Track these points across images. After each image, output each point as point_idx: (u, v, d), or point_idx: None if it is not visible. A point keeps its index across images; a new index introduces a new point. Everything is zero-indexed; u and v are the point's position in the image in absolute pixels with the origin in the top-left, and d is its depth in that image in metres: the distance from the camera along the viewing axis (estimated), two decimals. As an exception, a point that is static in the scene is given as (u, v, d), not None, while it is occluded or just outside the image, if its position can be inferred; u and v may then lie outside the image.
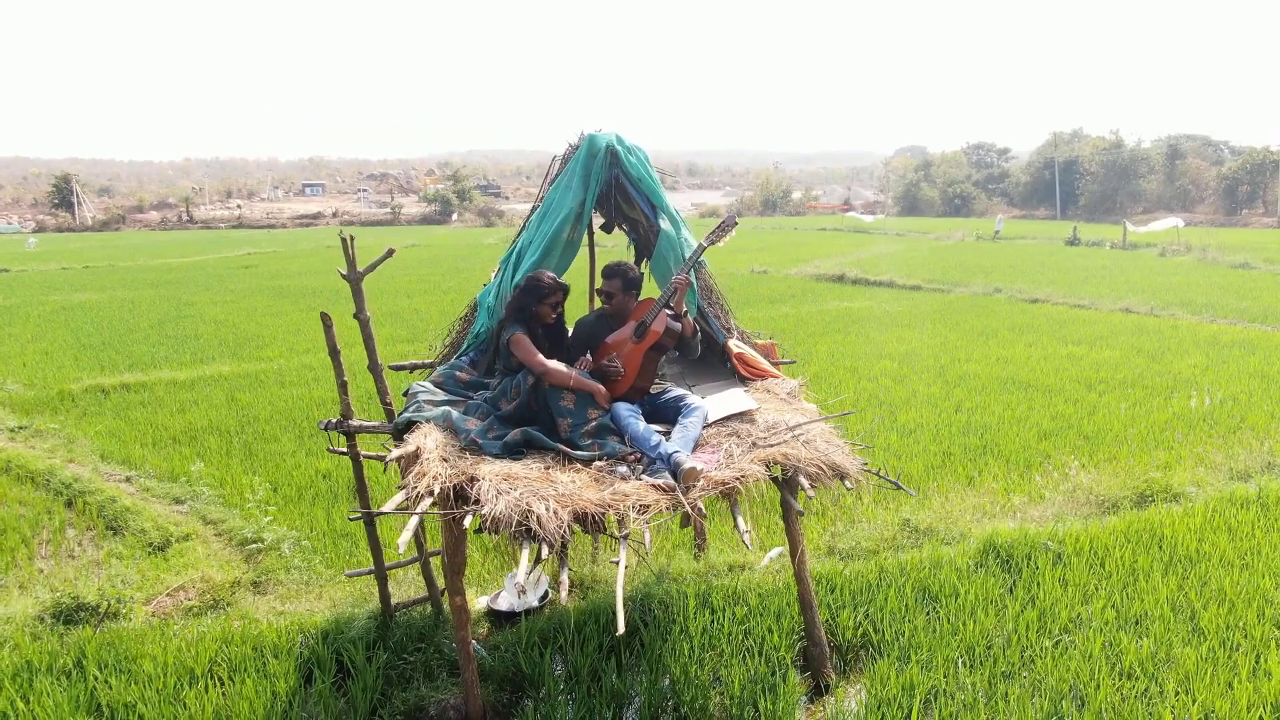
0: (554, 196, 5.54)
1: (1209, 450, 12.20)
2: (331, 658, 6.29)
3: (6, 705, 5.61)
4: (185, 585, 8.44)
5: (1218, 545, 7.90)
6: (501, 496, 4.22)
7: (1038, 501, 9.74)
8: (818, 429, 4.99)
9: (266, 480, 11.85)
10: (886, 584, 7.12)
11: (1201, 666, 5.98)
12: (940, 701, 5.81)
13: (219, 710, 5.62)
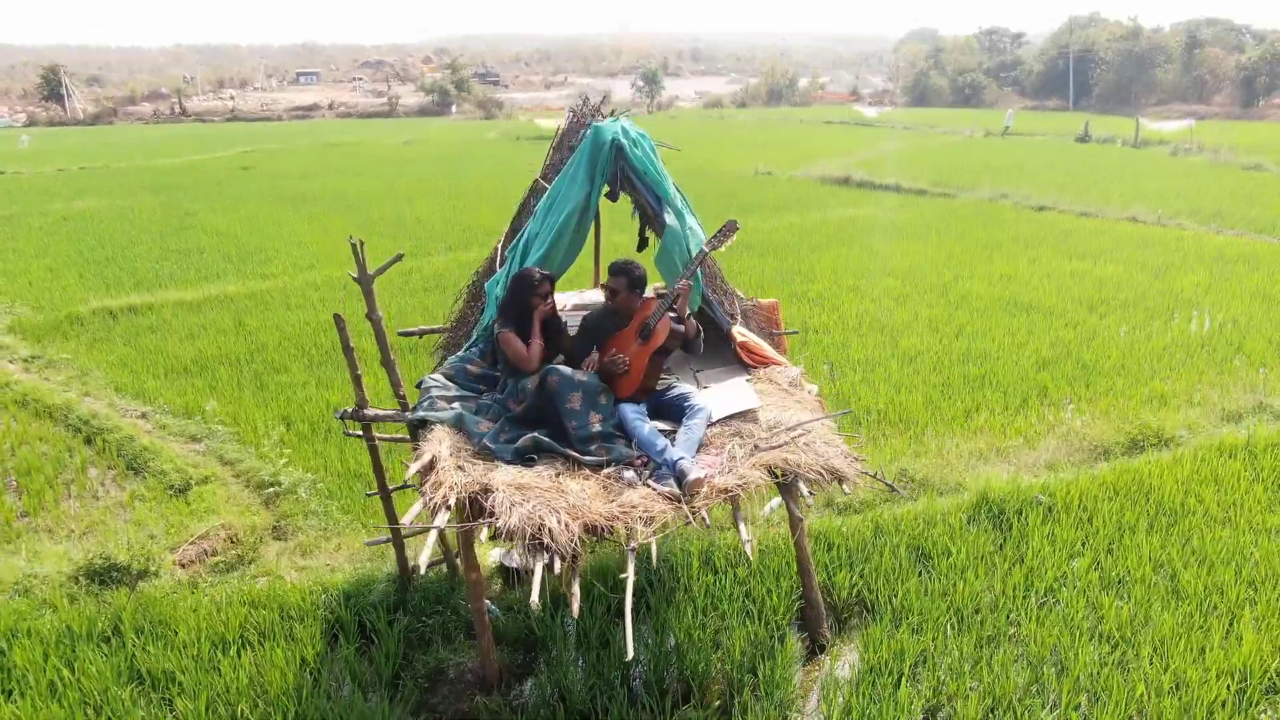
0: (560, 187, 5.55)
1: (1204, 382, 12.39)
2: (354, 621, 6.64)
3: (54, 674, 5.98)
4: (208, 533, 8.77)
5: (1203, 499, 8.17)
6: (515, 508, 4.43)
7: (1032, 445, 9.99)
8: (818, 428, 5.15)
9: (279, 415, 12.11)
10: (881, 543, 7.42)
11: (1177, 631, 6.31)
12: (929, 665, 6.17)
13: (253, 677, 5.99)
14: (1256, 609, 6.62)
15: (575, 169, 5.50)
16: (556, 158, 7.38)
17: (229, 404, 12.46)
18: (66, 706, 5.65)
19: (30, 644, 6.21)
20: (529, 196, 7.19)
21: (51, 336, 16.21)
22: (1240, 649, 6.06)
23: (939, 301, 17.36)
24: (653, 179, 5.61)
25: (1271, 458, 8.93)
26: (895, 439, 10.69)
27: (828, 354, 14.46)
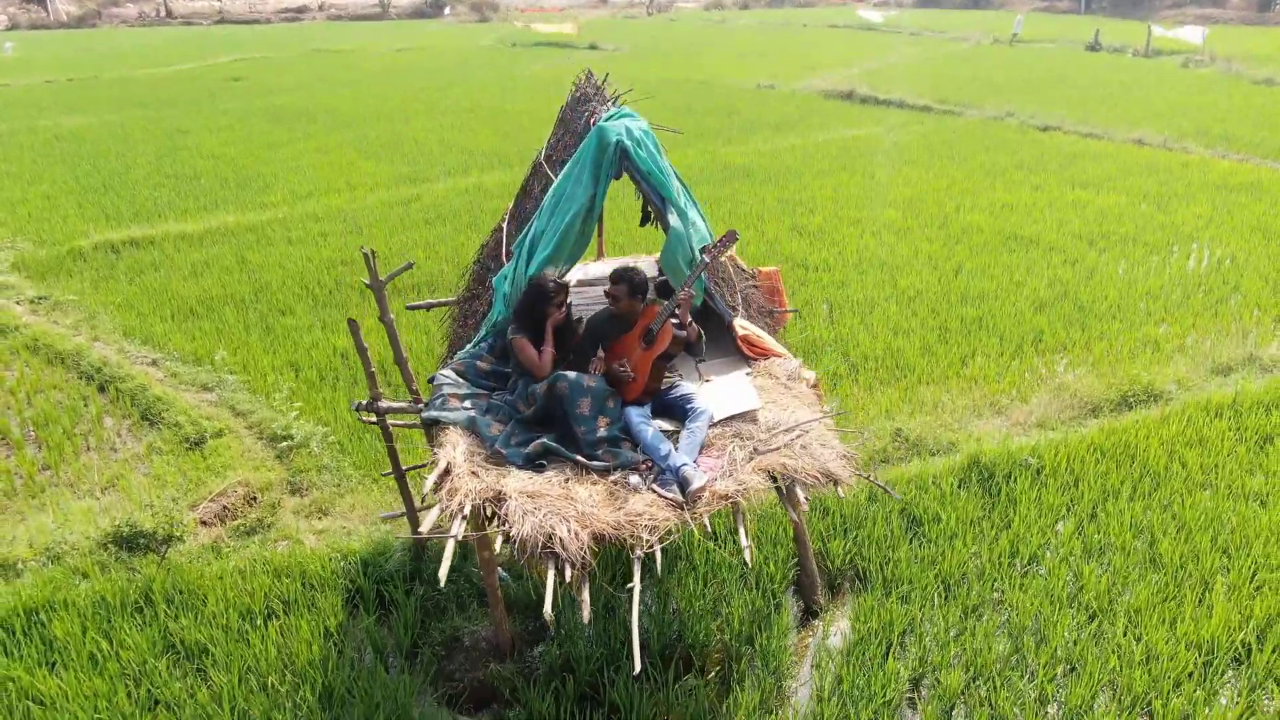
0: (565, 187, 5.61)
1: (1198, 326, 12.57)
2: (373, 590, 7.01)
3: (93, 646, 6.36)
4: (226, 491, 9.10)
5: (1186, 462, 8.46)
6: (527, 517, 4.69)
7: (1024, 399, 10.24)
8: (814, 429, 5.37)
9: (286, 361, 12.33)
10: (874, 510, 7.74)
11: (1152, 602, 6.67)
12: (916, 635, 6.55)
13: (281, 649, 6.37)
14: (1229, 576, 6.98)
15: (580, 170, 5.56)
16: (560, 133, 7.41)
17: (237, 349, 12.65)
18: (108, 679, 6.04)
19: (68, 616, 6.58)
20: (531, 178, 7.24)
21: (55, 274, 16.29)
22: (1210, 620, 6.43)
23: (939, 235, 17.37)
24: (657, 180, 5.68)
25: (1255, 417, 9.19)
26: (891, 389, 10.92)
27: (826, 293, 14.59)
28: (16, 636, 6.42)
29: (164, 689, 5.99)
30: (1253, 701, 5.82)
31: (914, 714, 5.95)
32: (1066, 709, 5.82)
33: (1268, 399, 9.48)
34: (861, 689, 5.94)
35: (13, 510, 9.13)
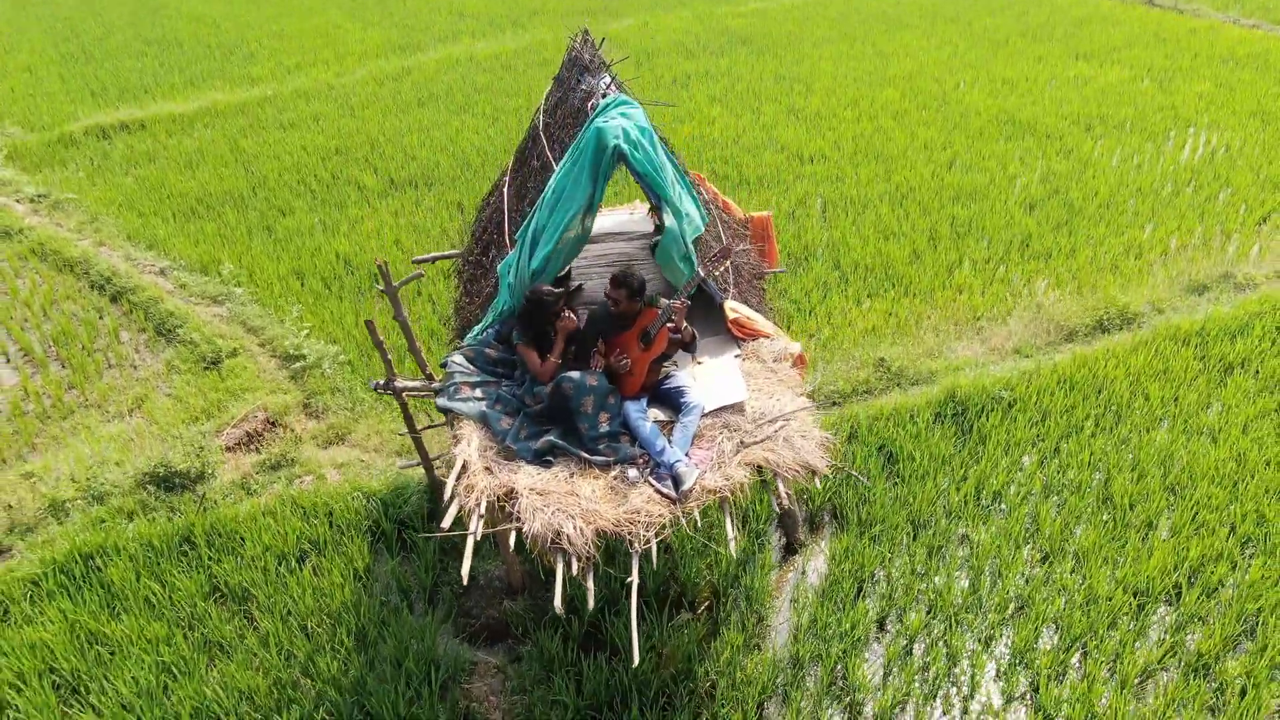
0: (564, 186, 5.79)
1: (1183, 229, 12.82)
2: (394, 532, 7.68)
3: (147, 590, 7.07)
4: (248, 416, 9.66)
5: (1149, 395, 9.00)
6: (537, 514, 5.23)
7: (1004, 319, 10.66)
8: (796, 422, 5.84)
9: (290, 268, 12.62)
10: (854, 449, 8.32)
11: (1099, 543, 7.37)
12: (885, 575, 7.28)
13: (316, 591, 7.09)
14: (1173, 516, 7.67)
15: (579, 170, 5.74)
16: (556, 96, 7.49)
17: (241, 256, 12.90)
18: (165, 623, 6.78)
19: (121, 561, 7.26)
20: (529, 145, 7.37)
21: (50, 164, 16.28)
22: (1149, 562, 7.15)
23: (936, 119, 17.23)
24: (653, 180, 5.86)
25: (1221, 345, 9.66)
26: (879, 301, 11.29)
27: (821, 188, 14.71)
28: (77, 581, 7.13)
29: (216, 631, 6.74)
30: (1178, 640, 6.61)
31: (880, 649, 6.74)
32: (1012, 648, 6.61)
33: (1234, 325, 9.93)
34: (834, 628, 6.72)
35: (47, 435, 9.71)
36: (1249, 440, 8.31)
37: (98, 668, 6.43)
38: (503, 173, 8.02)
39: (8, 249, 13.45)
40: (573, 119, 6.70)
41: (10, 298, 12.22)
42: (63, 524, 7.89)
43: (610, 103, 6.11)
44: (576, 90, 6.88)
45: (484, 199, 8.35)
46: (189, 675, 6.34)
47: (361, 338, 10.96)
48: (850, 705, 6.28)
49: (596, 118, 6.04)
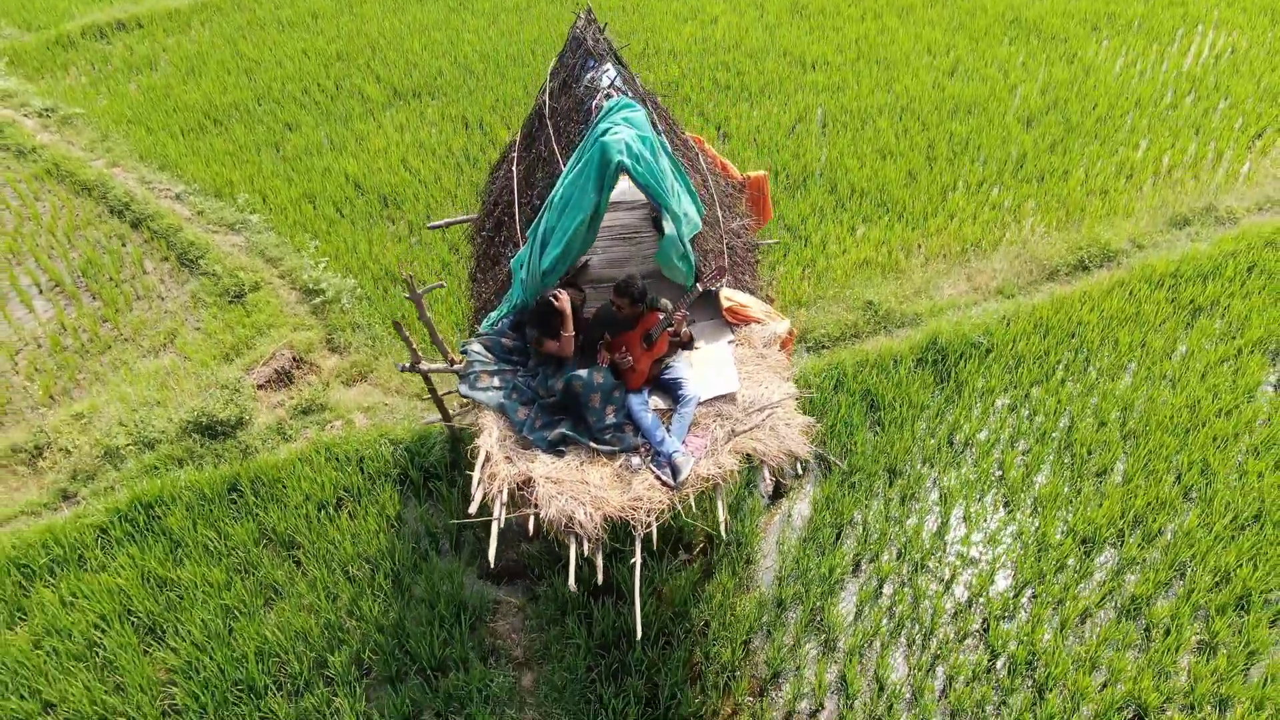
0: (571, 193, 6.18)
1: (1176, 147, 13.04)
2: (420, 479, 8.47)
3: (204, 538, 7.93)
4: (275, 355, 10.31)
5: (1119, 341, 9.57)
6: (552, 501, 5.95)
7: (989, 254, 11.11)
8: (782, 410, 6.47)
9: (302, 191, 12.97)
10: (839, 400, 8.99)
11: (1056, 489, 8.14)
12: (863, 517, 8.12)
13: (354, 536, 7.95)
14: (1126, 464, 8.43)
15: (585, 180, 6.12)
16: (560, 77, 7.76)
17: (252, 176, 13.20)
18: (224, 569, 7.68)
19: (178, 509, 8.09)
20: (536, 128, 7.67)
21: (50, 69, 16.27)
22: (1099, 510, 7.96)
23: (942, 17, 17.02)
24: (654, 191, 6.25)
25: (1192, 288, 10.16)
26: (873, 229, 11.69)
27: (821, 98, 14.79)
28: (141, 529, 7.98)
29: (270, 575, 7.64)
30: (1116, 584, 7.49)
31: (854, 589, 7.65)
32: (970, 589, 7.51)
33: (1208, 266, 10.40)
34: (814, 571, 7.60)
35: (89, 371, 10.41)
36: (1205, 388, 8.97)
37: (170, 611, 7.36)
38: (511, 145, 8.35)
39: (24, 170, 13.75)
40: (576, 111, 7.02)
41: (35, 224, 12.65)
42: (119, 470, 8.69)
43: (614, 106, 6.44)
44: (580, 80, 7.17)
45: (493, 169, 8.69)
46: (249, 618, 7.27)
47: (376, 269, 11.47)
48: (826, 641, 7.23)
49: (601, 122, 6.40)
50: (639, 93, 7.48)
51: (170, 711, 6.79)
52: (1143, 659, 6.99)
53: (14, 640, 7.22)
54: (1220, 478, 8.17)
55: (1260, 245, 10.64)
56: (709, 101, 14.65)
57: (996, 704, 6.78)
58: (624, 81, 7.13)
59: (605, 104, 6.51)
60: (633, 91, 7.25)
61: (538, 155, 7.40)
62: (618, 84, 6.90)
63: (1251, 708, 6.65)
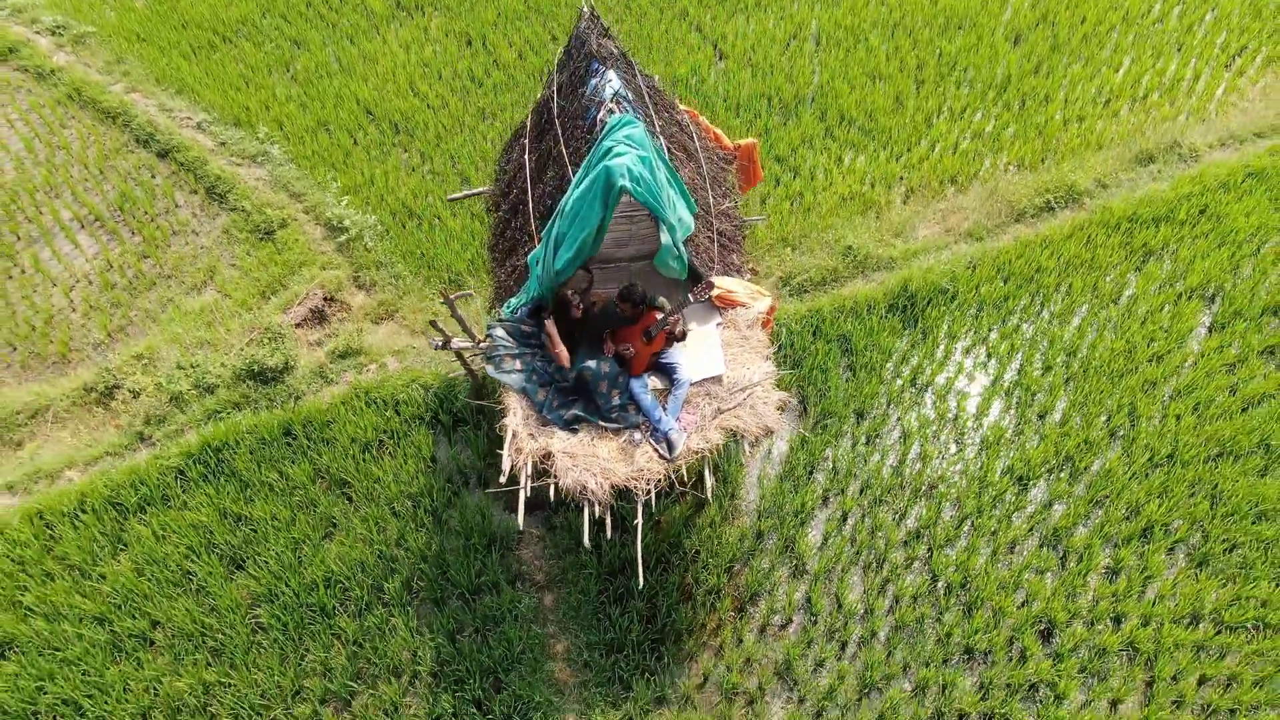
0: (580, 206, 6.99)
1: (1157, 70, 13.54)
2: (450, 422, 9.69)
3: (269, 477, 9.22)
4: (308, 295, 11.32)
5: (1072, 287, 10.57)
6: (568, 472, 7.14)
7: (964, 189, 11.89)
8: (760, 389, 7.55)
9: (316, 119, 13.57)
10: (817, 347, 10.06)
11: (999, 432, 9.39)
12: (833, 455, 9.40)
13: (396, 472, 9.25)
14: (1065, 405, 9.62)
15: (592, 197, 6.93)
16: (566, 74, 8.44)
17: (267, 101, 13.73)
18: (288, 506, 9.02)
19: (243, 453, 9.35)
20: (544, 120, 8.39)
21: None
22: (1035, 450, 9.23)
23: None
24: (653, 207, 7.06)
25: (1146, 231, 11.03)
26: (859, 159, 12.45)
27: (816, 12, 15.08)
28: (213, 471, 9.28)
29: (329, 510, 9.00)
30: (1044, 516, 8.86)
31: (821, 520, 9.03)
32: (920, 521, 8.89)
33: (1164, 209, 11.24)
34: (788, 505, 8.96)
35: (139, 309, 11.45)
36: (1143, 333, 10.07)
37: (247, 544, 8.76)
38: (522, 127, 9.07)
39: (46, 95, 14.25)
40: (582, 118, 7.78)
41: (66, 154, 13.33)
42: (185, 414, 9.90)
43: (615, 124, 7.20)
44: (586, 84, 7.88)
45: (505, 148, 9.41)
46: (314, 549, 8.68)
47: (394, 202, 12.28)
48: (796, 567, 8.66)
49: (605, 139, 7.19)
50: (639, 89, 8.19)
51: (258, 629, 8.29)
52: (1057, 582, 8.44)
53: (119, 568, 8.65)
54: (1144, 420, 9.41)
55: (1215, 187, 11.45)
56: (706, 15, 14.92)
57: (933, 619, 8.28)
58: (625, 84, 7.85)
59: (608, 120, 7.29)
60: (633, 94, 7.98)
61: (548, 152, 8.20)
62: (621, 93, 7.64)
63: (1140, 623, 8.15)
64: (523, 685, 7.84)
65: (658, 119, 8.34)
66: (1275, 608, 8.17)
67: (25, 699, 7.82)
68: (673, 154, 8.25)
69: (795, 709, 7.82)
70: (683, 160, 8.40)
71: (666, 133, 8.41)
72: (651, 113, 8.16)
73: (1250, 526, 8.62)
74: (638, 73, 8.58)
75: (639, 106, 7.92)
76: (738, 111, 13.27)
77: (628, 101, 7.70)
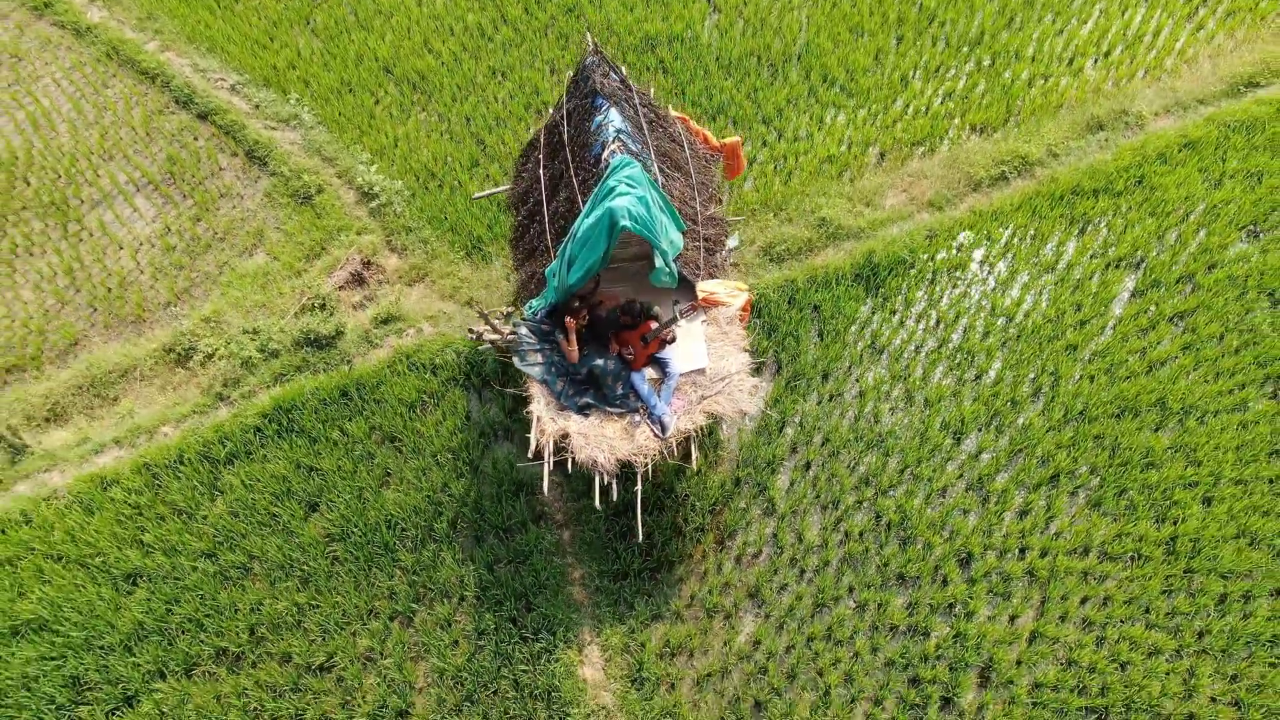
0: (589, 234, 8.33)
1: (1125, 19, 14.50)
2: (480, 384, 11.42)
3: (332, 433, 11.01)
4: (348, 259, 12.82)
5: (1017, 255, 12.03)
6: (582, 449, 8.90)
7: (929, 156, 13.16)
8: (735, 378, 9.18)
9: (339, 79, 14.64)
10: (793, 315, 11.63)
11: (940, 391, 11.12)
12: (801, 411, 11.17)
13: (437, 428, 11.05)
14: (998, 367, 11.30)
15: (599, 231, 8.28)
16: (573, 103, 9.68)
17: (292, 60, 14.76)
18: (351, 459, 10.88)
19: (308, 412, 11.12)
20: (557, 141, 9.67)
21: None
22: (970, 407, 10.99)
23: None
24: (649, 238, 8.44)
25: (1085, 202, 12.38)
26: (836, 126, 13.65)
27: (807, -42, 15.79)
28: (284, 428, 11.07)
29: (386, 462, 10.86)
30: (972, 465, 10.71)
31: (789, 467, 10.89)
32: (869, 470, 10.75)
33: (1104, 179, 12.53)
34: (761, 456, 10.81)
35: (199, 271, 12.98)
36: (1071, 300, 11.64)
37: (320, 492, 10.67)
38: (535, 140, 10.35)
39: (86, 52, 15.23)
40: (589, 150, 9.12)
41: (114, 115, 14.49)
42: (255, 376, 11.62)
43: (617, 165, 8.57)
44: (591, 119, 9.18)
45: (522, 157, 10.67)
46: (374, 495, 10.60)
47: (417, 166, 13.59)
48: (767, 508, 10.60)
49: (609, 178, 8.60)
50: (637, 119, 9.48)
51: (335, 561, 10.32)
52: (977, 520, 10.37)
53: (217, 511, 10.60)
54: (1064, 381, 11.12)
55: (1154, 157, 12.71)
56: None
57: (875, 551, 10.27)
58: (624, 119, 9.16)
59: (611, 161, 8.68)
60: (632, 125, 9.30)
61: (560, 174, 9.58)
62: (621, 131, 8.97)
63: (1039, 554, 10.13)
64: (548, 606, 9.91)
65: (651, 137, 9.67)
66: (1150, 542, 10.13)
67: (158, 618, 9.92)
68: (665, 172, 9.64)
69: (762, 623, 9.92)
70: (673, 175, 9.78)
71: (660, 150, 9.76)
72: (648, 139, 9.49)
73: (1139, 474, 10.48)
74: (636, 96, 9.82)
75: (637, 138, 9.26)
76: (729, 71, 14.32)
77: (628, 135, 9.05)
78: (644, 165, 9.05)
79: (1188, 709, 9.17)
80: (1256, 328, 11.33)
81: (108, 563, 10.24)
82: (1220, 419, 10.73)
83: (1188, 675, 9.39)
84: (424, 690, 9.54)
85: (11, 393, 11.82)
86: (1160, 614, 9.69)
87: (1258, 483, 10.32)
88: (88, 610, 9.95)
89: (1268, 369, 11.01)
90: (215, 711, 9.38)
